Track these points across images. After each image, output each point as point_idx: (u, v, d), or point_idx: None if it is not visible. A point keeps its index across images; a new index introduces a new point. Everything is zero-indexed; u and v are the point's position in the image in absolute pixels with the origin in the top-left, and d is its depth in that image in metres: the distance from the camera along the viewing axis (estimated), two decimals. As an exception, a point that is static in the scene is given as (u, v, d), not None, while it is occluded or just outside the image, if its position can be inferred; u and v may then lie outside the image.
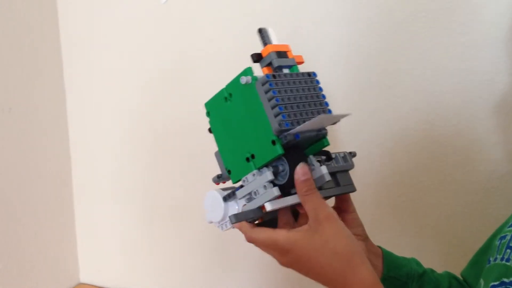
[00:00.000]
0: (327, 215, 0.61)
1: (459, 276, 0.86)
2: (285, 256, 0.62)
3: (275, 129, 0.63)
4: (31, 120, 1.51)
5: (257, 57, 0.69)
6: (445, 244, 1.11)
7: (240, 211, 0.70)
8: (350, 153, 0.76)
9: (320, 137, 0.68)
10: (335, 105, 1.12)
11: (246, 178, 0.68)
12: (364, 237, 0.78)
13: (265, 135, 0.64)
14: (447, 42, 1.04)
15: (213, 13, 1.33)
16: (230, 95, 0.70)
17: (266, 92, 0.63)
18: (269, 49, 0.68)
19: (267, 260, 1.36)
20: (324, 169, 0.65)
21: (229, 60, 1.29)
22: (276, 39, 0.70)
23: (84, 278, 1.72)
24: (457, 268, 0.88)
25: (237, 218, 0.66)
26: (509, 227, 0.65)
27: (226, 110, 0.71)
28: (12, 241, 1.45)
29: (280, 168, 0.66)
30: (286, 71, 0.68)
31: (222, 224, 0.73)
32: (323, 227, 0.60)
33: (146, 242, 1.58)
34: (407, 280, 0.80)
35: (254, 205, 0.67)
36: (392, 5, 1.09)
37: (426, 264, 0.85)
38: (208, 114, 0.74)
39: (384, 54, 1.11)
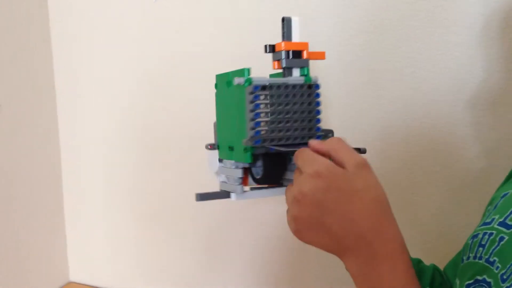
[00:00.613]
0: (365, 163, 0.58)
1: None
2: (322, 181, 0.56)
3: (244, 142, 0.63)
4: (21, 118, 1.50)
5: (270, 49, 0.67)
6: (428, 239, 1.12)
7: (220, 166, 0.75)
8: (359, 149, 0.72)
9: None
10: (326, 103, 1.11)
11: (226, 162, 0.71)
12: None
13: (241, 138, 0.65)
14: (428, 42, 1.06)
15: (206, 11, 1.32)
16: (230, 82, 0.69)
17: (250, 103, 0.63)
18: (282, 46, 0.66)
19: (259, 261, 1.35)
20: None
21: (221, 59, 1.27)
22: (297, 34, 0.67)
23: (73, 277, 1.69)
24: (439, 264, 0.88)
25: (201, 197, 0.68)
26: (481, 225, 0.65)
27: (226, 94, 0.70)
28: (0, 240, 1.43)
29: (257, 163, 0.67)
30: (296, 71, 0.67)
31: (217, 176, 0.76)
32: (364, 172, 0.57)
33: (136, 242, 1.55)
34: None
35: (224, 187, 0.71)
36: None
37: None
38: (216, 85, 0.73)
39: (365, 53, 1.13)
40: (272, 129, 0.63)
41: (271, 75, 0.71)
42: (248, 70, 0.64)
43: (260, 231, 1.32)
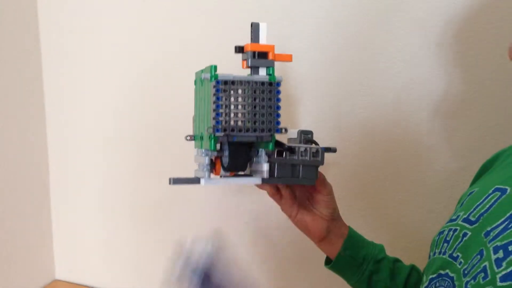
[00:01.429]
0: None
1: None
2: None
3: (206, 130, 0.71)
4: (8, 115, 1.47)
5: (239, 50, 0.74)
6: (405, 241, 1.14)
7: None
8: (329, 148, 0.80)
9: (261, 141, 0.73)
10: (303, 99, 1.17)
11: (197, 151, 0.78)
12: (330, 218, 0.84)
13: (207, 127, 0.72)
14: (397, 47, 1.09)
15: (198, 9, 1.33)
16: (202, 78, 0.75)
17: (213, 95, 0.70)
18: (249, 47, 0.72)
19: (253, 262, 1.33)
20: (265, 166, 0.75)
21: (220, 59, 1.28)
22: (264, 37, 0.73)
23: (59, 275, 1.68)
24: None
25: (174, 181, 0.74)
26: (447, 222, 0.68)
27: (200, 88, 0.77)
28: None
29: (225, 153, 0.74)
30: (262, 70, 0.73)
31: None
32: None
33: (122, 240, 1.55)
34: (363, 262, 0.86)
35: (196, 174, 0.78)
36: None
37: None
38: (195, 82, 0.80)
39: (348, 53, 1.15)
40: (233, 120, 0.70)
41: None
42: (215, 67, 0.71)
43: (261, 234, 1.33)
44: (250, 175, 0.78)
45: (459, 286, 0.56)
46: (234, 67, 0.80)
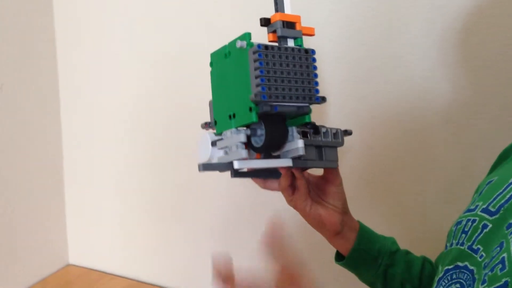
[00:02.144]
0: None
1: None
2: None
3: (251, 98, 0.65)
4: (23, 102, 1.52)
5: (265, 22, 0.71)
6: (415, 233, 1.13)
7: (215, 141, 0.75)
8: (346, 131, 0.77)
9: (300, 113, 0.70)
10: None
11: (225, 133, 0.72)
12: (342, 211, 0.80)
13: (246, 100, 0.67)
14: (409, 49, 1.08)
15: (211, 9, 1.34)
16: (229, 53, 0.72)
17: (254, 61, 0.66)
18: (277, 17, 0.70)
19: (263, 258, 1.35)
20: (300, 143, 0.68)
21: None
22: (289, 8, 0.71)
23: (72, 259, 1.71)
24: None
25: (204, 167, 0.69)
26: (465, 212, 0.65)
27: (224, 66, 0.73)
28: (0, 222, 1.45)
29: (258, 132, 0.69)
30: (290, 41, 0.70)
31: (206, 165, 0.75)
32: None
33: (135, 226, 1.57)
34: (378, 256, 0.83)
35: (225, 159, 0.71)
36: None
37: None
38: (211, 64, 0.76)
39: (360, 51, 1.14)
40: (275, 87, 0.66)
41: None
42: (249, 34, 0.68)
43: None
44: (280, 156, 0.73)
45: (479, 280, 0.55)
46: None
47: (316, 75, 0.69)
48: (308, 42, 1.15)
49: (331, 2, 1.14)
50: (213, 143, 0.75)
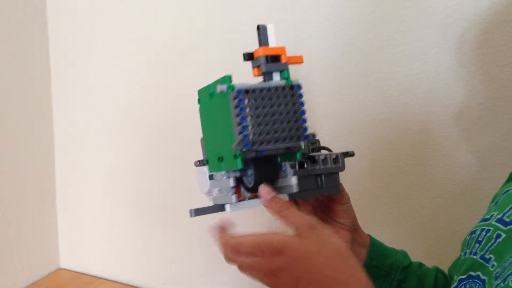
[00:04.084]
0: (310, 225, 0.59)
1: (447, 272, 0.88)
2: (278, 258, 0.56)
3: (234, 146, 0.63)
4: (15, 102, 1.51)
5: (248, 57, 0.68)
6: (427, 237, 1.13)
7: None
8: (347, 152, 0.74)
9: (290, 152, 0.68)
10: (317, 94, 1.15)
11: (216, 175, 0.71)
12: (352, 228, 0.78)
13: (231, 145, 0.65)
14: (412, 61, 1.08)
15: (207, 11, 1.34)
16: (213, 93, 0.69)
17: (235, 107, 0.63)
18: (260, 52, 0.67)
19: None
20: (293, 180, 0.67)
21: (224, 53, 1.30)
22: (273, 39, 0.68)
23: (64, 263, 1.71)
24: (439, 262, 0.91)
25: (196, 213, 0.69)
26: (480, 222, 0.65)
27: (210, 106, 0.71)
28: None
29: (249, 172, 0.68)
30: (276, 75, 0.68)
31: (208, 196, 0.76)
32: (311, 234, 0.58)
33: (126, 230, 1.58)
34: (391, 271, 0.81)
35: (218, 201, 0.71)
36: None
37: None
38: (199, 101, 0.74)
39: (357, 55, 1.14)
40: (259, 132, 0.63)
41: None
42: (230, 77, 0.64)
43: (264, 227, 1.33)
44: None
45: None
46: (238, 67, 0.76)
47: (303, 112, 0.66)
48: (308, 43, 1.17)
49: (329, 3, 1.15)
50: (211, 177, 0.73)
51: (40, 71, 1.61)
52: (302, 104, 0.67)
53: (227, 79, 0.65)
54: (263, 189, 0.63)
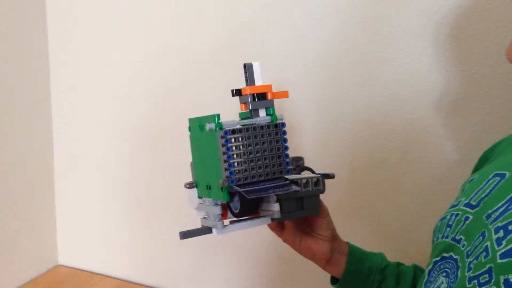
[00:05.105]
0: None
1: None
2: None
3: (220, 183, 0.69)
4: (13, 99, 1.51)
5: (236, 93, 0.73)
6: (403, 238, 1.16)
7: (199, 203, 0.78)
8: (328, 175, 0.78)
9: (279, 194, 0.72)
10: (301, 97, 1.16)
11: (204, 200, 0.76)
12: (332, 239, 0.84)
13: (217, 178, 0.70)
14: (390, 53, 1.10)
15: (207, 10, 1.34)
16: (202, 126, 0.73)
17: (222, 146, 0.68)
18: (247, 90, 0.72)
19: (251, 255, 1.36)
20: (276, 207, 0.71)
21: (216, 59, 1.32)
22: (259, 77, 0.73)
23: (62, 260, 1.73)
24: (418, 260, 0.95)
25: (184, 235, 0.73)
26: (449, 208, 0.70)
27: (200, 137, 0.75)
28: None
29: (235, 198, 0.73)
30: (262, 111, 0.73)
31: (198, 211, 0.80)
32: None
33: (124, 227, 1.59)
34: (369, 273, 0.87)
35: (206, 223, 0.75)
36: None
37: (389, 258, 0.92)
38: (189, 129, 0.78)
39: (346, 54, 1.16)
40: (244, 169, 0.69)
41: (240, 114, 0.75)
42: (218, 116, 0.69)
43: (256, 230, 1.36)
44: (258, 215, 0.76)
45: (462, 267, 0.58)
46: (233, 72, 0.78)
47: (286, 148, 0.71)
48: (303, 42, 1.19)
49: (324, 4, 1.16)
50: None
51: (39, 69, 1.60)
52: (285, 141, 0.72)
53: (215, 117, 0.69)
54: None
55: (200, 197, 0.77)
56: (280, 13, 1.21)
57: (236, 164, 0.69)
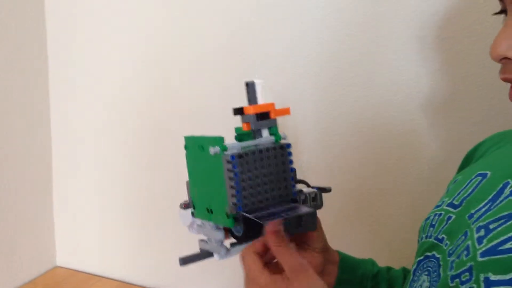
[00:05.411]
0: (301, 267, 0.61)
1: None
2: None
3: (227, 210, 0.65)
4: (12, 99, 1.50)
5: (238, 112, 0.69)
6: (396, 238, 1.16)
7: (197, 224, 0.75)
8: (324, 189, 0.75)
9: (289, 221, 0.68)
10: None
11: (204, 223, 0.72)
12: (324, 250, 0.82)
13: (222, 204, 0.66)
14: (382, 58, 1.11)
15: (206, 10, 1.34)
16: (203, 147, 0.69)
17: (228, 171, 0.64)
18: (250, 110, 0.68)
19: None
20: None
21: (214, 59, 1.33)
22: (262, 96, 0.69)
23: (60, 261, 1.73)
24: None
25: (184, 262, 0.71)
26: (433, 209, 0.70)
27: (200, 157, 0.71)
28: None
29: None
30: (265, 131, 0.69)
31: (191, 229, 0.77)
32: (299, 277, 0.60)
33: (123, 228, 1.59)
34: (362, 280, 0.85)
35: (206, 247, 0.71)
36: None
37: (380, 261, 0.91)
38: (185, 147, 0.75)
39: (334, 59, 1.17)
40: (252, 194, 0.65)
41: (236, 129, 0.72)
42: (222, 138, 0.65)
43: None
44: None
45: (444, 266, 0.59)
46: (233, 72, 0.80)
47: (292, 169, 0.68)
48: (303, 42, 1.19)
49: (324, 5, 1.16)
50: (193, 214, 0.75)
51: (39, 69, 1.60)
52: (291, 162, 0.68)
53: (219, 141, 0.65)
54: (272, 223, 0.63)
55: (193, 216, 0.74)
56: (280, 14, 1.20)
57: (243, 189, 0.65)
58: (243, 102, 1.27)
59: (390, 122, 1.12)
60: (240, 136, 0.71)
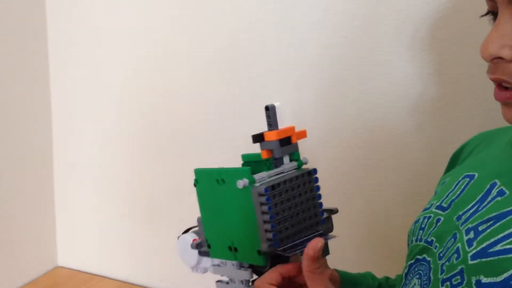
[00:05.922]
0: None
1: None
2: None
3: (264, 248, 0.60)
4: (12, 100, 1.50)
5: (258, 139, 0.65)
6: (389, 238, 1.16)
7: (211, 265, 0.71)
8: (331, 210, 0.70)
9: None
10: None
11: (225, 262, 0.67)
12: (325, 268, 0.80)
13: (252, 241, 0.62)
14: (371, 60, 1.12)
15: (208, 10, 1.32)
16: (223, 180, 0.64)
17: (261, 205, 0.60)
18: (274, 136, 0.64)
19: None
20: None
21: (216, 59, 1.32)
22: (282, 120, 0.65)
23: (61, 261, 1.72)
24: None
25: None
26: (422, 212, 0.69)
27: (216, 191, 0.66)
28: None
29: None
30: (286, 158, 0.65)
31: (196, 269, 0.74)
32: None
33: (123, 229, 1.59)
34: None
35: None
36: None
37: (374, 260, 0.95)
38: (196, 182, 0.69)
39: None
40: (286, 228, 0.61)
41: (244, 156, 0.68)
42: (249, 169, 0.61)
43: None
44: None
45: (435, 269, 0.58)
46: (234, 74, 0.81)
47: (320, 196, 0.65)
48: (303, 45, 1.19)
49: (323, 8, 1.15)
50: (200, 253, 0.71)
51: (39, 70, 1.59)
52: (318, 188, 0.65)
53: (247, 172, 0.61)
54: (315, 241, 0.58)
55: (202, 254, 0.71)
56: (279, 17, 1.19)
57: (278, 224, 0.60)
58: (243, 102, 1.25)
59: (389, 125, 1.11)
60: (248, 163, 0.67)
